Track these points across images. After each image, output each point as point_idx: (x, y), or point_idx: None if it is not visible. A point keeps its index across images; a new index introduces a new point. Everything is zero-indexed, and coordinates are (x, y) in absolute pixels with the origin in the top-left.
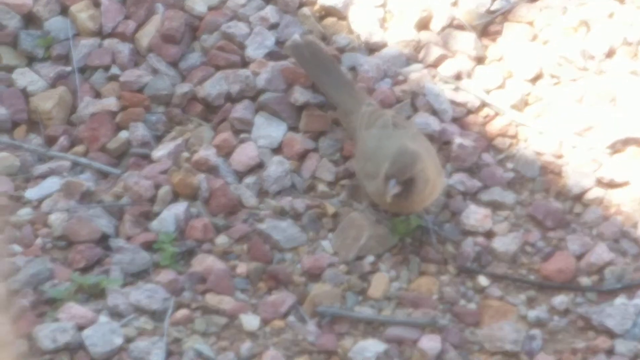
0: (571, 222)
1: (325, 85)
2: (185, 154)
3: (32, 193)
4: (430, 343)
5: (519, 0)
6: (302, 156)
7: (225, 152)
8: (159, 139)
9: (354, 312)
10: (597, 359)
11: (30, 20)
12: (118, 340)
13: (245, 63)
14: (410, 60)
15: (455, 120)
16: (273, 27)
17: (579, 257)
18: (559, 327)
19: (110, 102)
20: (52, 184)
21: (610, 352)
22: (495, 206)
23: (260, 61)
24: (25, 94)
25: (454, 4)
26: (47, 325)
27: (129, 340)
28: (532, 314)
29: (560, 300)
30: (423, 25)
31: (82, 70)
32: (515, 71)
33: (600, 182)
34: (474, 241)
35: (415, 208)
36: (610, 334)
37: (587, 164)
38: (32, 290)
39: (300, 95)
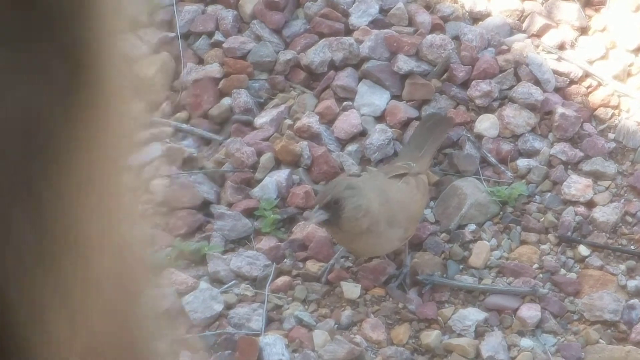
0: None
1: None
2: (288, 121)
3: (133, 159)
4: (530, 312)
5: None
6: (405, 124)
7: (328, 119)
8: (261, 105)
9: (454, 281)
10: None
11: None
12: (218, 307)
13: (349, 31)
14: (513, 29)
15: (558, 90)
16: None
17: None
18: None
19: (213, 69)
20: (154, 150)
21: None
22: (596, 176)
23: (364, 29)
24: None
25: None
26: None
27: (229, 306)
28: (632, 283)
29: None
30: None
31: (186, 36)
32: (619, 42)
33: None
34: (574, 211)
35: (368, 247)
36: None
37: None
38: None
39: (403, 63)
